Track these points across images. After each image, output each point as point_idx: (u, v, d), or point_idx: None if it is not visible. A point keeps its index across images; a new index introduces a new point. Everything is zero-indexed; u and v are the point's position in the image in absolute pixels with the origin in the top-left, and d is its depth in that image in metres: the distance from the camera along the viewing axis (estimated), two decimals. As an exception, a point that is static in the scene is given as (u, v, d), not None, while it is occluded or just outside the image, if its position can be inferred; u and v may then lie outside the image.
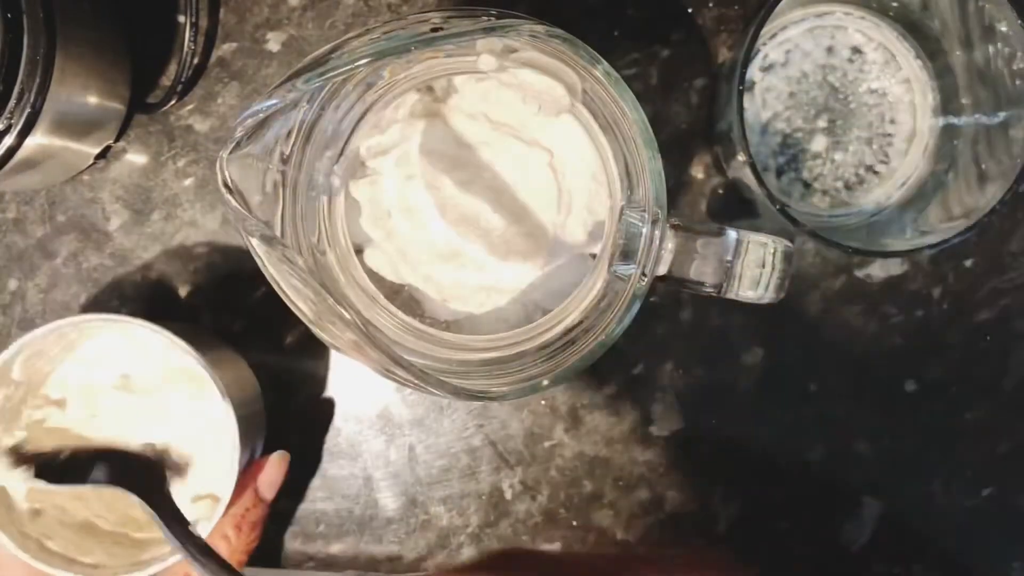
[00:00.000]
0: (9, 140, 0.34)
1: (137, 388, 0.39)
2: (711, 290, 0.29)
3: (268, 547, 0.44)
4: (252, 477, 0.39)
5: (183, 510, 0.35)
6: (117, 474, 0.36)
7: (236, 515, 0.38)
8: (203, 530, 0.35)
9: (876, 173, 0.42)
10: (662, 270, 0.29)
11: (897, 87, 0.41)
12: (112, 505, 0.39)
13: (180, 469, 0.38)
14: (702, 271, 0.29)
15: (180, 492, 0.38)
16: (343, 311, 0.25)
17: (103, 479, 0.36)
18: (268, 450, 0.41)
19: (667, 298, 0.43)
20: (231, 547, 0.38)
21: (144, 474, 0.37)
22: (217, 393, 0.35)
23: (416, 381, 0.27)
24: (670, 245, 0.29)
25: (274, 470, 0.40)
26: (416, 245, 0.34)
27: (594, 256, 0.35)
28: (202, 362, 0.35)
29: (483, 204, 0.34)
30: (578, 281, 0.34)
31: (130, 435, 0.38)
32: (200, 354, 0.35)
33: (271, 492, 0.40)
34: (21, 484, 0.36)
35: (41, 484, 0.36)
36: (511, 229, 0.34)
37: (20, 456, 0.37)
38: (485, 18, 0.27)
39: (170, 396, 0.39)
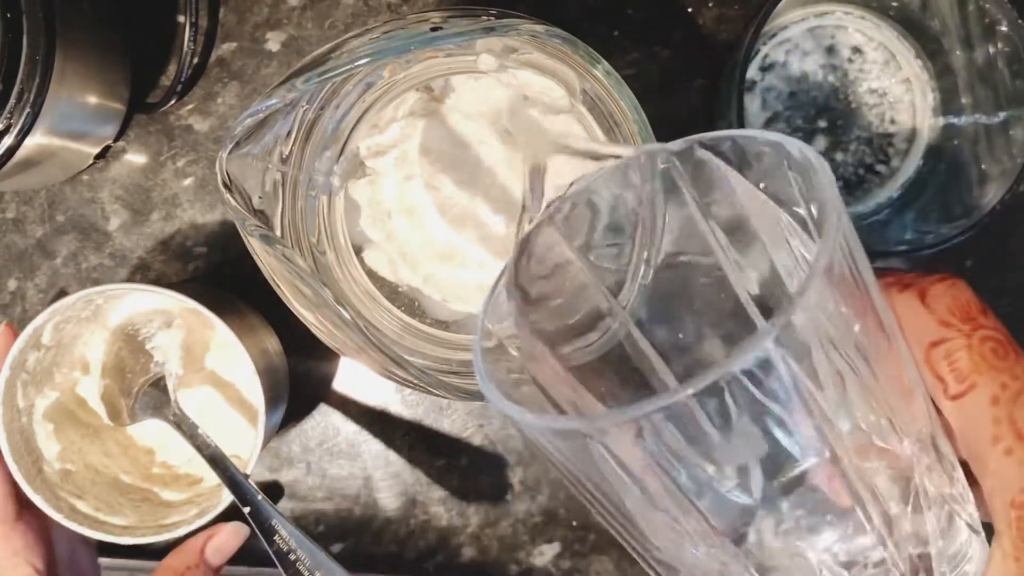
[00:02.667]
0: (9, 140, 0.34)
1: (163, 353, 0.40)
2: (711, 290, 0.29)
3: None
4: (205, 537, 0.37)
5: (208, 471, 0.37)
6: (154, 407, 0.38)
7: (177, 569, 0.36)
8: (229, 495, 0.36)
9: (876, 173, 0.42)
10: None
11: (897, 87, 0.41)
12: (136, 460, 0.41)
13: (206, 430, 0.39)
14: (702, 271, 0.29)
15: None
16: (343, 311, 0.25)
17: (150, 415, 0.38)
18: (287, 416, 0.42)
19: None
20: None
21: (157, 396, 0.38)
22: (244, 359, 0.36)
23: (416, 381, 0.27)
24: (670, 245, 0.29)
25: (227, 537, 0.37)
26: (416, 245, 0.34)
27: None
28: (229, 331, 0.36)
29: (483, 203, 0.34)
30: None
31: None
32: (226, 321, 0.36)
33: (218, 558, 0.37)
34: (55, 444, 0.38)
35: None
36: (511, 228, 0.34)
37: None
38: (485, 18, 0.27)
39: (197, 360, 0.40)
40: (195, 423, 0.36)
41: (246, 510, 0.34)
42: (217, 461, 0.35)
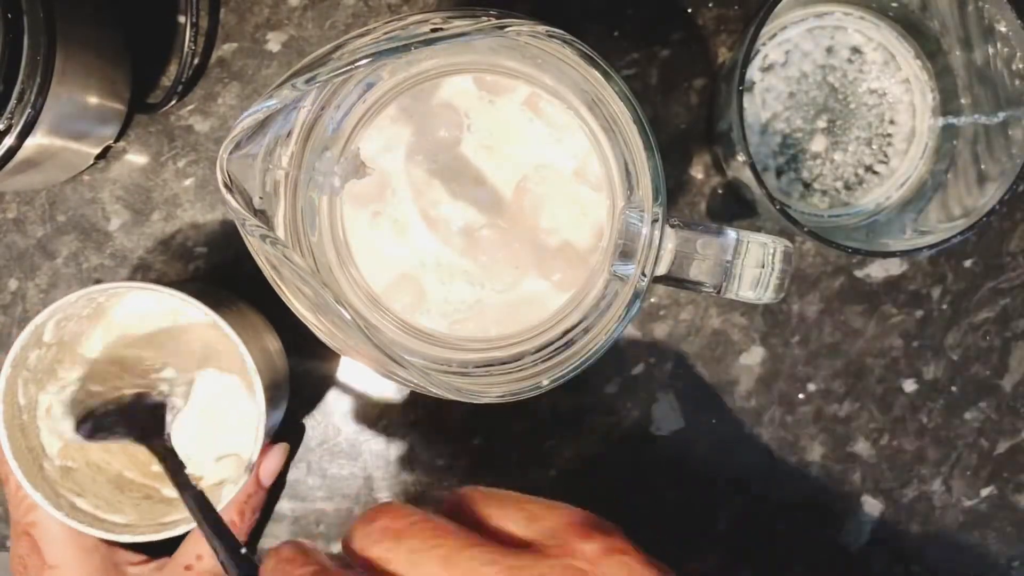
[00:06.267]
0: (9, 140, 0.34)
1: (164, 351, 0.40)
2: (711, 290, 0.29)
3: (268, 546, 0.44)
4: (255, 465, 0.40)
5: (207, 469, 0.39)
6: (129, 428, 0.38)
7: (239, 501, 0.40)
8: (228, 493, 0.37)
9: (876, 173, 0.42)
10: (662, 270, 0.29)
11: (897, 87, 0.41)
12: (135, 458, 0.41)
13: (206, 429, 0.40)
14: (702, 271, 0.29)
15: (206, 451, 0.40)
16: (344, 311, 0.25)
17: (120, 434, 0.38)
18: (278, 432, 0.42)
19: (667, 298, 0.43)
20: (237, 530, 0.39)
21: (150, 422, 0.38)
22: (244, 359, 0.36)
23: (416, 381, 0.27)
24: (670, 245, 0.29)
25: (274, 459, 0.42)
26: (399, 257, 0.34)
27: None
28: (230, 330, 0.35)
29: (470, 210, 0.34)
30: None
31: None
32: (227, 320, 0.35)
33: (270, 480, 0.42)
34: (56, 441, 0.38)
35: (77, 439, 0.37)
36: (496, 235, 0.34)
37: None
38: (485, 18, 0.27)
39: (197, 359, 0.40)
40: (183, 462, 0.36)
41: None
42: (201, 505, 0.34)
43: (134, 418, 0.38)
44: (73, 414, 0.38)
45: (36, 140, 0.36)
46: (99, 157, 0.42)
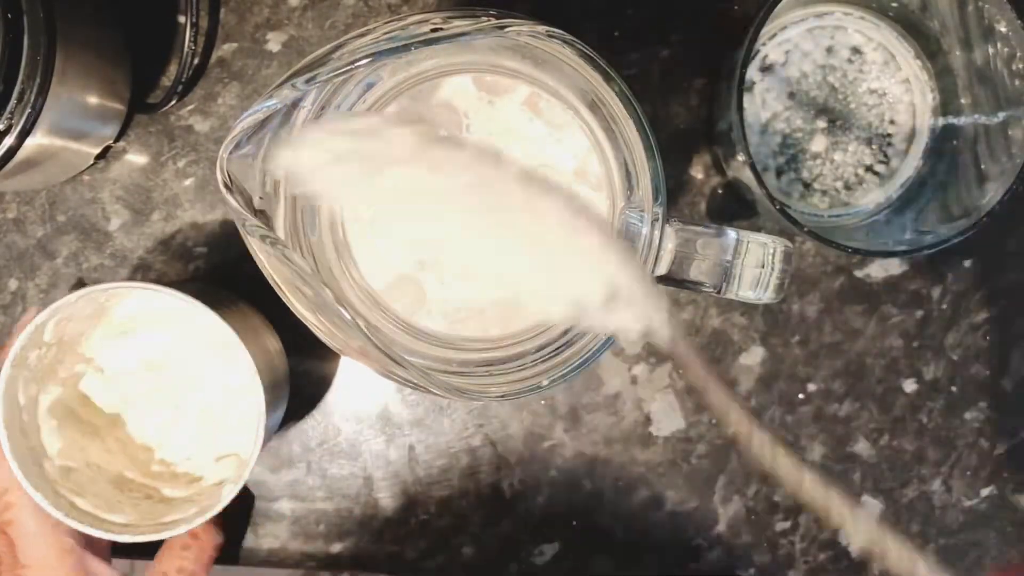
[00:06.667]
0: (9, 140, 0.34)
1: (166, 351, 0.40)
2: (711, 290, 0.29)
3: (268, 546, 0.44)
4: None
5: (207, 469, 0.40)
6: None
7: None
8: (228, 493, 0.36)
9: (876, 173, 0.42)
10: (662, 270, 0.29)
11: (897, 87, 0.41)
12: (135, 458, 0.41)
13: (206, 429, 0.40)
14: (702, 271, 0.29)
15: (206, 451, 0.40)
16: (344, 311, 0.25)
17: None
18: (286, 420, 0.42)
19: (667, 298, 0.43)
20: (201, 542, 0.39)
21: None
22: (244, 359, 0.36)
23: (416, 381, 0.27)
24: (670, 245, 0.29)
25: None
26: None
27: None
28: (230, 330, 0.35)
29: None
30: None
31: (159, 397, 0.41)
32: (227, 320, 0.35)
33: None
34: (56, 441, 0.38)
35: None
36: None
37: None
38: (485, 19, 0.27)
39: (197, 359, 0.40)
40: None
41: None
42: None
43: None
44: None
45: (36, 140, 0.36)
46: (99, 157, 0.42)
